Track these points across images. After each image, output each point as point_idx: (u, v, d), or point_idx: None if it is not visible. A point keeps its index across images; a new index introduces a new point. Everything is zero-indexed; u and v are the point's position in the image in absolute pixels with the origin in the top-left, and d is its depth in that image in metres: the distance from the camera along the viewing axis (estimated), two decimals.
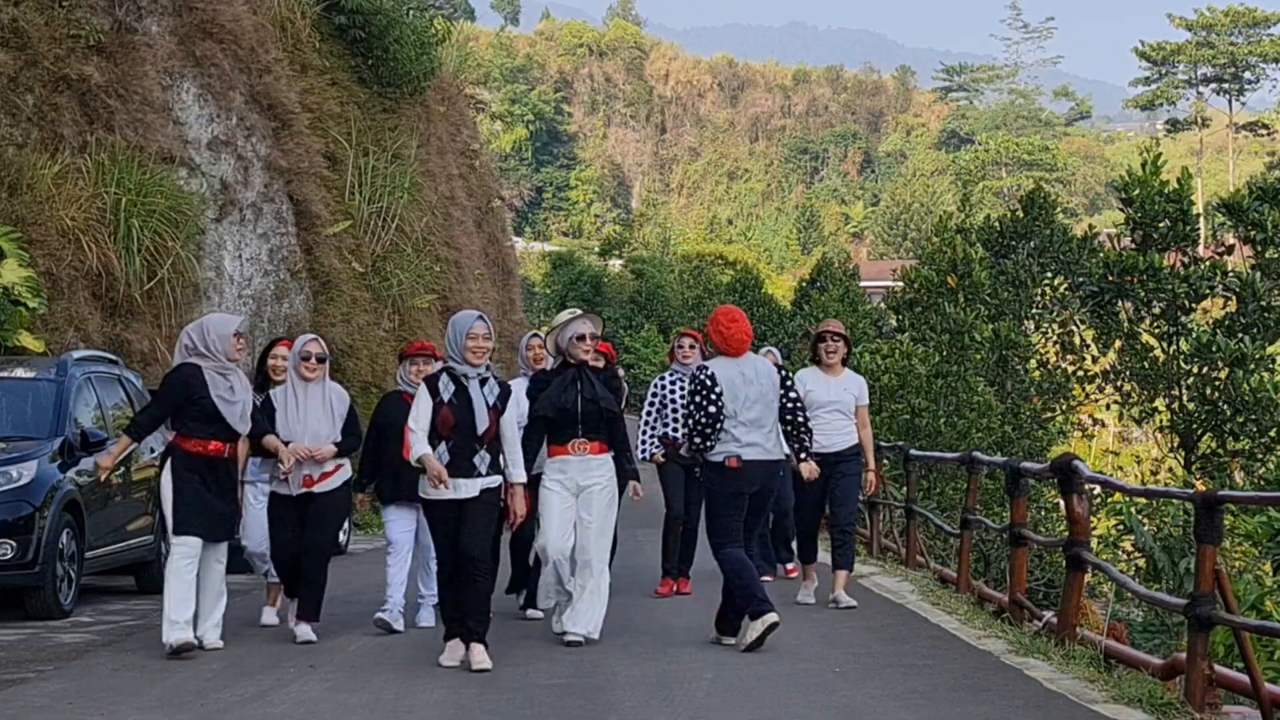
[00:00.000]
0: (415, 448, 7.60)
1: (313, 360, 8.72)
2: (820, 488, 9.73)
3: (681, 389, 10.38)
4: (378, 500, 9.33)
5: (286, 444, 8.51)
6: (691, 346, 10.75)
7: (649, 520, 9.92)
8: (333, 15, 23.71)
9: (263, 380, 9.38)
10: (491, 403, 7.65)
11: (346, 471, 8.82)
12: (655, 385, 10.83)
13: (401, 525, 9.09)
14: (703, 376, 8.23)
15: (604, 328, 8.60)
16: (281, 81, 20.47)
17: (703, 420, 8.13)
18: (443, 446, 7.55)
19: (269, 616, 9.41)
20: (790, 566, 11.79)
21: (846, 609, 9.65)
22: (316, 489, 8.70)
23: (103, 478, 8.84)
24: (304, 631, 8.59)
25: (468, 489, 7.57)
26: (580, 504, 8.28)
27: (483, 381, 7.67)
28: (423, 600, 9.34)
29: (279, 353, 9.47)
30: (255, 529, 9.25)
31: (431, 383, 7.71)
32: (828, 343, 10.18)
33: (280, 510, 8.80)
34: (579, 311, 8.63)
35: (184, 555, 8.12)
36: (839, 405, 10.06)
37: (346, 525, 15.20)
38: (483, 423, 7.58)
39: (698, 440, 8.15)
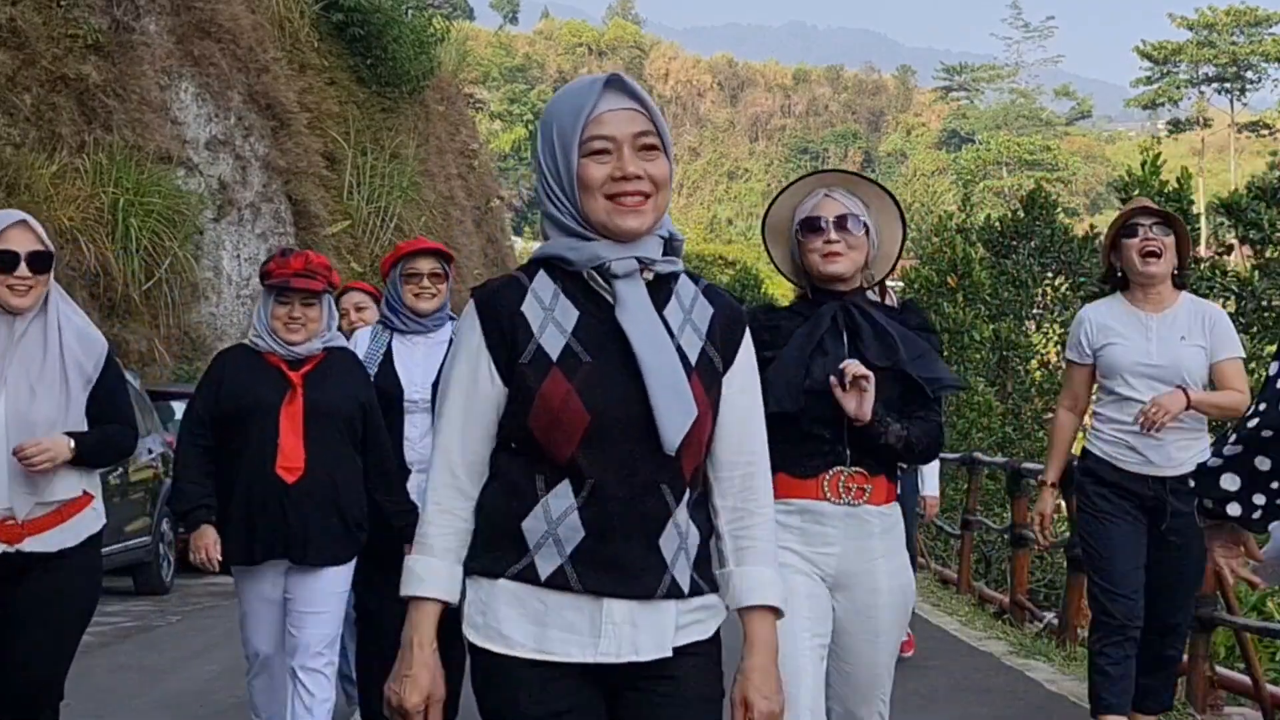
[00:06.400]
0: (431, 530, 2.36)
1: (22, 267, 3.91)
2: (1140, 530, 5.08)
3: None
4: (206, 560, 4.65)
5: None
6: None
7: None
8: (331, 14, 23.71)
9: None
10: (698, 354, 2.37)
11: (99, 513, 4.10)
12: None
13: (267, 616, 4.71)
14: None
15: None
16: (280, 81, 20.46)
17: None
18: (564, 489, 2.28)
19: None
20: None
21: None
22: (28, 545, 3.90)
23: None
24: None
25: (648, 638, 2.31)
26: (846, 611, 3.54)
27: (658, 281, 2.40)
28: None
29: None
30: None
31: (501, 303, 2.36)
32: (1143, 236, 5.01)
33: None
34: (829, 172, 3.74)
35: None
36: (1167, 372, 4.98)
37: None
38: (678, 415, 2.28)
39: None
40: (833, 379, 3.46)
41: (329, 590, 4.68)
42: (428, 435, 4.90)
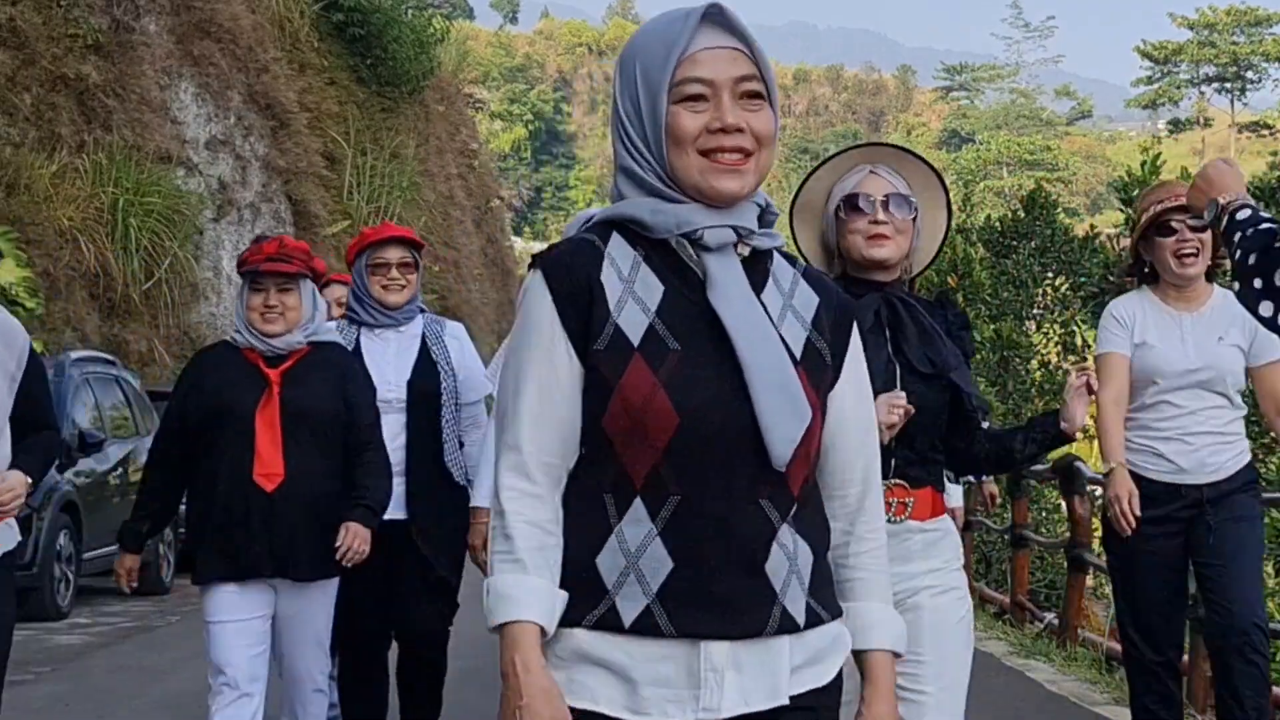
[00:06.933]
0: (518, 543, 1.90)
1: None
2: (1174, 556, 4.52)
3: None
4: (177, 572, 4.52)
5: None
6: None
7: None
8: (331, 14, 23.71)
9: None
10: (802, 345, 1.99)
11: (13, 530, 3.66)
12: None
13: (241, 635, 4.20)
14: None
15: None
16: (280, 81, 20.46)
17: None
18: (639, 512, 1.90)
19: None
20: None
21: None
22: None
23: None
24: None
25: (757, 684, 1.93)
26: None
27: (754, 258, 2.01)
28: None
29: None
30: None
31: (575, 269, 1.96)
32: (1180, 237, 4.47)
33: None
34: (875, 145, 3.33)
35: None
36: (1207, 376, 4.52)
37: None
38: (789, 420, 1.90)
39: None
40: (1077, 378, 3.19)
41: (318, 608, 4.33)
42: (400, 436, 4.64)
